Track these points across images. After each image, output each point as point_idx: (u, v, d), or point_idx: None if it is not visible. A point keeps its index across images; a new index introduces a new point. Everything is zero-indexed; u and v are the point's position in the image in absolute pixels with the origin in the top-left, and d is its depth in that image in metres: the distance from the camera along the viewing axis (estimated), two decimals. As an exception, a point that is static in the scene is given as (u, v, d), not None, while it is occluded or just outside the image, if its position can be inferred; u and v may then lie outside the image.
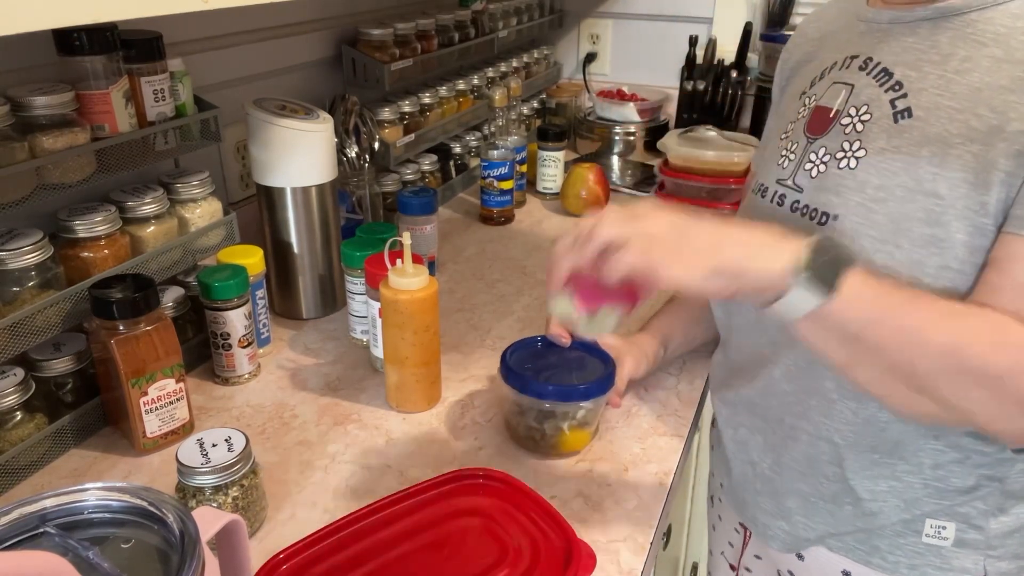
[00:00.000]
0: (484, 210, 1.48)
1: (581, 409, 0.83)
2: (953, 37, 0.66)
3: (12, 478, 0.78)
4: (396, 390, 0.91)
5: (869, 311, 0.59)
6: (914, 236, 0.64)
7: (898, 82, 0.68)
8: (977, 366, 0.58)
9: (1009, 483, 0.71)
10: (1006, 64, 0.63)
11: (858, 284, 0.58)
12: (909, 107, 0.67)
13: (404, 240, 0.86)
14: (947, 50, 0.66)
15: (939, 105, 0.65)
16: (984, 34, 0.65)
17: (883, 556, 0.76)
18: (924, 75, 0.67)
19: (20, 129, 0.76)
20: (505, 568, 0.66)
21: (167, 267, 0.91)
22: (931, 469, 0.71)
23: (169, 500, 0.46)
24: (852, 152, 0.69)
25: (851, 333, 0.60)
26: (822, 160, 0.72)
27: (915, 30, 0.69)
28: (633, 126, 1.81)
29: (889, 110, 0.68)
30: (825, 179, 0.71)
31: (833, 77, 0.75)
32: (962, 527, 0.72)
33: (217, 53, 1.12)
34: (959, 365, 0.58)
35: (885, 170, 0.66)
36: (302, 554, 0.66)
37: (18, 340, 0.75)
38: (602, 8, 1.96)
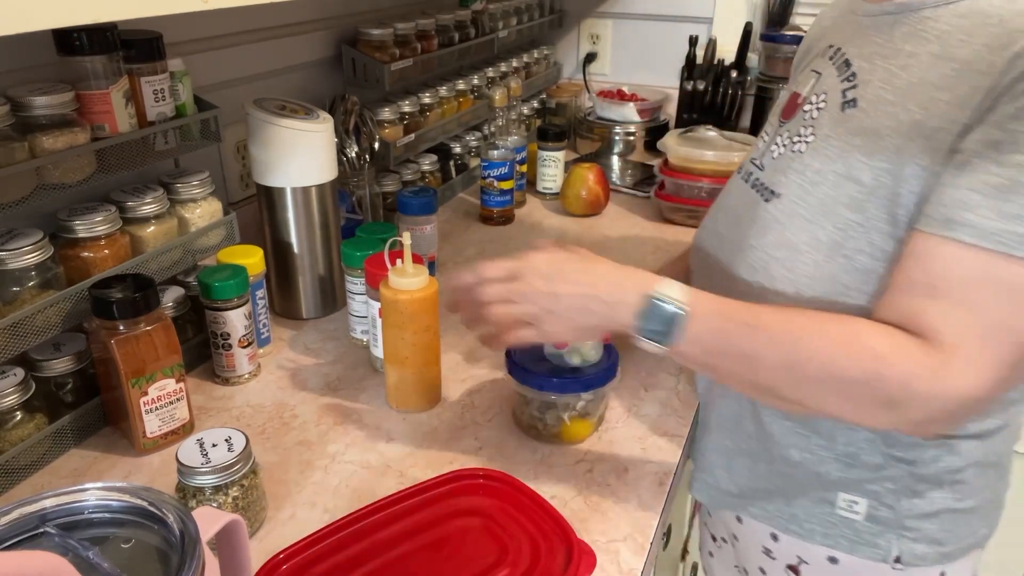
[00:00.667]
0: (484, 210, 1.48)
1: (582, 400, 0.84)
2: (906, 33, 0.68)
3: (12, 478, 0.78)
4: (396, 390, 0.91)
5: (710, 348, 0.66)
6: (837, 219, 0.67)
7: (853, 73, 0.71)
8: (818, 377, 0.62)
9: (920, 467, 0.73)
10: (941, 61, 0.64)
11: (697, 328, 0.65)
12: (855, 98, 0.70)
13: (404, 240, 0.86)
14: (898, 45, 0.68)
15: (880, 98, 0.68)
16: (930, 31, 0.66)
17: (800, 524, 0.80)
18: (874, 68, 0.69)
19: (20, 129, 0.76)
20: (505, 568, 0.66)
21: (167, 267, 0.91)
22: (843, 445, 0.74)
23: (169, 500, 0.46)
24: (804, 137, 0.73)
25: (701, 364, 0.68)
26: (784, 143, 0.76)
27: (879, 25, 0.72)
28: (633, 126, 1.81)
29: (839, 99, 0.71)
30: (780, 160, 0.75)
31: (811, 64, 0.79)
32: (873, 504, 0.75)
33: (217, 53, 1.12)
34: (799, 379, 0.63)
35: (825, 156, 0.70)
36: (302, 554, 0.66)
37: (18, 340, 0.75)
38: (602, 8, 1.96)
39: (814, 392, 0.63)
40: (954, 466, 0.73)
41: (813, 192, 0.70)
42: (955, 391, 0.59)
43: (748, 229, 0.76)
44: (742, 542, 0.89)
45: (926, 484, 0.74)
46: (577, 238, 1.42)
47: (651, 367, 1.01)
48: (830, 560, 0.79)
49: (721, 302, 0.67)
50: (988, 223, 0.58)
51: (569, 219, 1.53)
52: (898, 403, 0.60)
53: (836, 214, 0.68)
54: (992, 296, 0.58)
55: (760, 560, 0.86)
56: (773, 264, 0.72)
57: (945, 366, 0.59)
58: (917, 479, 0.73)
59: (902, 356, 0.60)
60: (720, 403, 0.84)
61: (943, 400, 0.60)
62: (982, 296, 0.58)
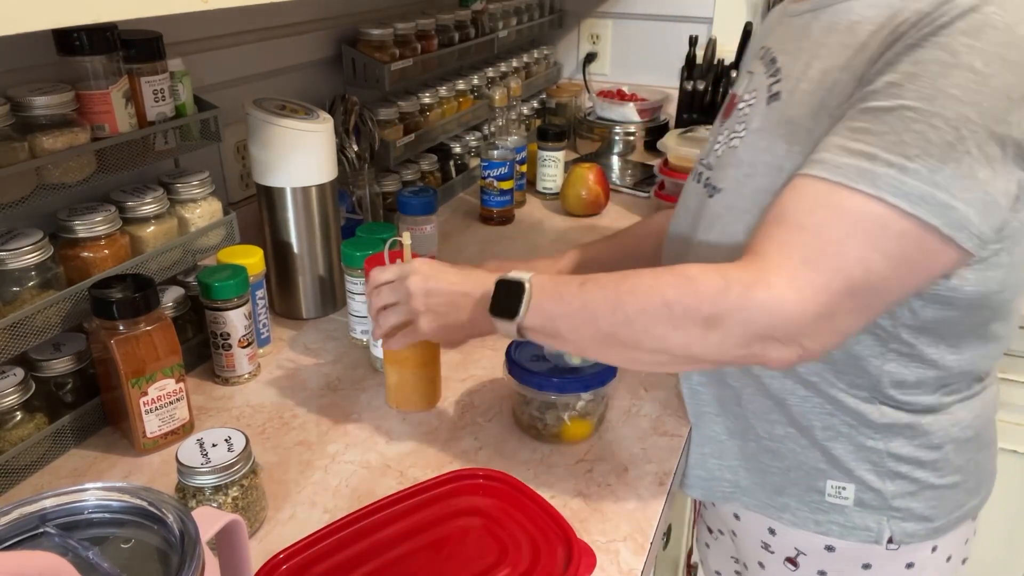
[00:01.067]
0: (484, 210, 1.48)
1: (581, 400, 0.84)
2: (823, 27, 0.71)
3: (12, 478, 0.78)
4: (396, 390, 0.91)
5: (550, 312, 0.69)
6: (766, 207, 0.69)
7: (778, 68, 0.74)
8: (642, 307, 0.65)
9: (896, 449, 0.75)
10: (848, 48, 0.67)
11: (537, 297, 0.70)
12: (779, 91, 0.72)
13: (404, 240, 0.85)
14: (815, 38, 0.71)
15: (798, 88, 0.70)
16: (841, 23, 0.69)
17: (792, 512, 0.81)
18: (796, 62, 0.72)
19: (20, 129, 0.76)
20: (505, 568, 0.66)
21: (167, 267, 0.91)
22: (821, 431, 0.77)
23: (169, 500, 0.46)
24: (739, 133, 0.76)
25: (550, 331, 0.70)
26: (724, 141, 0.79)
27: (802, 23, 0.75)
28: (633, 126, 1.81)
29: (766, 94, 0.74)
30: (722, 158, 0.78)
31: (747, 66, 0.83)
32: (860, 488, 0.77)
33: (217, 53, 1.12)
34: (626, 314, 0.65)
35: (755, 149, 0.73)
36: (302, 554, 0.66)
37: (18, 340, 0.75)
38: (602, 8, 1.96)
39: (643, 326, 0.65)
40: (930, 444, 0.75)
41: (748, 184, 0.72)
42: (770, 303, 0.59)
43: (697, 225, 0.79)
44: (740, 538, 0.90)
45: (907, 465, 0.75)
46: (577, 238, 1.42)
47: (651, 367, 1.01)
48: (827, 548, 0.80)
49: (559, 276, 0.72)
50: (835, 159, 0.61)
51: (569, 219, 1.53)
52: (715, 319, 0.61)
53: (765, 202, 0.69)
54: (824, 220, 0.60)
55: (759, 555, 0.87)
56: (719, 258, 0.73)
57: (760, 278, 0.60)
58: (896, 460, 0.75)
59: (713, 274, 0.62)
60: (707, 392, 0.85)
61: (757, 311, 0.60)
62: (815, 220, 0.61)
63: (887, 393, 0.74)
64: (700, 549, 1.08)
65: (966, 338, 0.72)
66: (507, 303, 0.71)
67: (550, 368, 0.85)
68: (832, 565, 0.81)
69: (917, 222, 0.58)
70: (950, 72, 0.58)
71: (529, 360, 0.86)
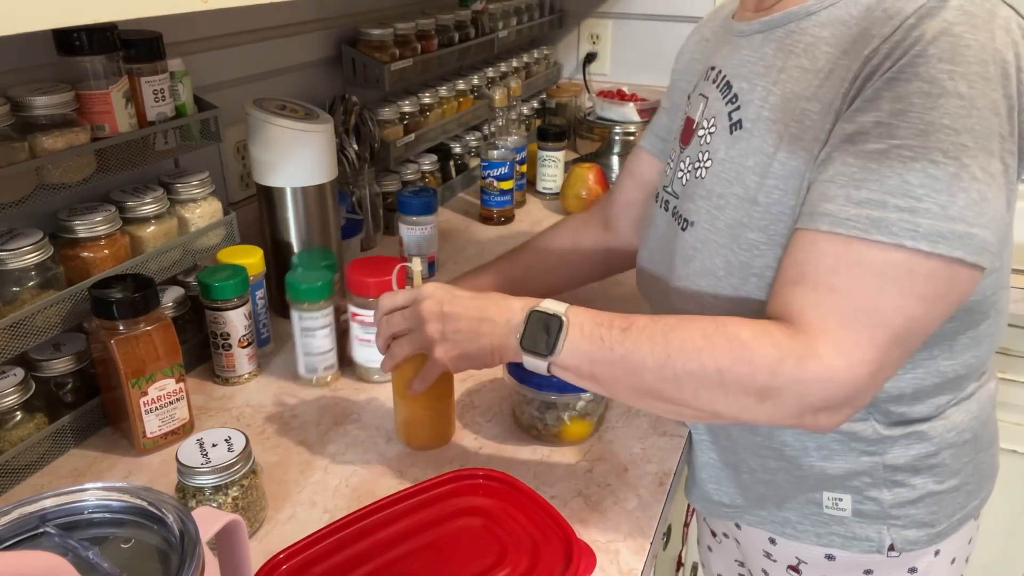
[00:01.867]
0: (484, 210, 1.48)
1: (581, 400, 0.84)
2: (776, 49, 0.69)
3: (12, 478, 0.78)
4: (407, 427, 0.85)
5: (589, 355, 0.66)
6: (743, 240, 0.69)
7: (735, 94, 0.72)
8: (691, 370, 0.62)
9: (892, 459, 0.74)
10: (809, 74, 0.65)
11: (575, 336, 0.66)
12: (741, 119, 0.71)
13: (414, 266, 0.80)
14: (770, 62, 0.69)
15: (760, 117, 0.69)
16: (797, 45, 0.67)
17: (793, 527, 0.80)
18: (753, 87, 0.70)
19: (20, 129, 0.76)
20: (505, 568, 0.66)
21: (167, 267, 0.91)
22: (815, 449, 0.75)
23: (169, 500, 0.46)
24: (703, 163, 0.74)
25: (585, 374, 0.67)
26: (687, 169, 0.77)
27: (752, 44, 0.73)
28: (633, 126, 1.80)
29: (727, 122, 0.72)
30: (687, 187, 0.77)
31: (699, 88, 0.80)
32: (857, 499, 0.76)
33: (217, 53, 1.12)
34: (674, 374, 0.63)
35: (724, 180, 0.71)
36: (302, 554, 0.66)
37: (18, 340, 0.75)
38: (602, 8, 1.96)
39: (692, 389, 0.63)
40: (927, 451, 0.74)
41: (720, 217, 0.71)
42: (824, 374, 0.59)
43: (673, 258, 0.77)
44: (744, 546, 0.90)
45: (904, 473, 0.75)
46: (577, 238, 1.42)
47: (651, 367, 1.01)
48: (827, 558, 0.80)
49: (596, 312, 0.67)
50: (843, 210, 0.59)
51: (569, 219, 1.53)
52: (769, 391, 0.60)
53: (742, 236, 0.69)
54: (852, 279, 0.59)
55: (762, 562, 0.87)
56: (700, 292, 0.73)
57: (810, 350, 0.59)
58: (893, 470, 0.75)
59: (766, 342, 0.60)
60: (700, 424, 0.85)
61: (814, 384, 0.60)
62: (842, 280, 0.60)
63: (883, 408, 0.73)
64: (702, 552, 1.07)
65: (960, 342, 0.71)
66: (541, 338, 0.67)
67: None
68: (834, 573, 0.81)
69: (941, 259, 0.58)
70: (937, 103, 0.57)
71: None
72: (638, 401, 0.68)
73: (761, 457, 0.79)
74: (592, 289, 1.09)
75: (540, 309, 0.68)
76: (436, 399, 0.83)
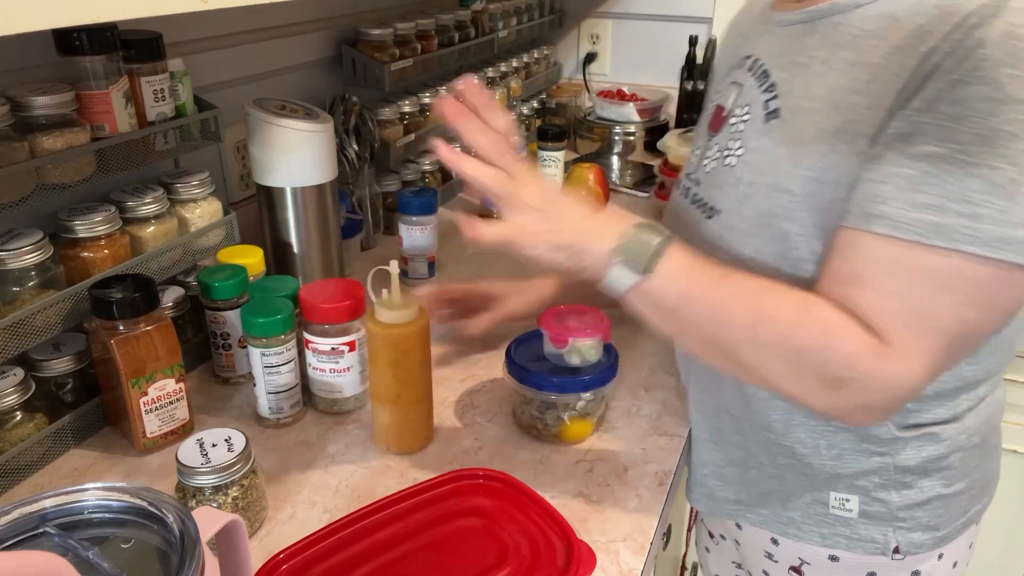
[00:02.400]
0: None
1: (581, 400, 0.84)
2: (819, 40, 0.69)
3: (12, 478, 0.78)
4: (387, 431, 0.84)
5: (681, 288, 0.64)
6: (775, 231, 0.68)
7: (773, 83, 0.71)
8: (776, 340, 0.63)
9: (902, 460, 0.74)
10: (856, 67, 0.64)
11: (673, 265, 0.64)
12: (778, 108, 0.70)
13: (391, 269, 0.79)
14: (813, 53, 0.69)
15: (800, 107, 0.68)
16: (843, 37, 0.67)
17: (798, 527, 0.80)
18: (793, 77, 0.70)
19: (20, 129, 0.76)
20: (505, 568, 0.66)
21: (167, 267, 0.91)
22: (826, 448, 0.75)
23: (169, 500, 0.46)
24: (734, 151, 0.74)
25: (667, 307, 0.65)
26: (715, 157, 0.76)
27: (792, 33, 0.72)
28: (633, 126, 1.81)
29: (762, 111, 0.71)
30: (713, 175, 0.76)
31: (731, 76, 0.79)
32: (864, 500, 0.76)
33: (217, 53, 1.12)
34: (758, 338, 0.63)
35: (755, 169, 0.70)
36: (302, 554, 0.66)
37: (18, 340, 0.75)
38: (602, 8, 1.96)
39: (767, 357, 0.63)
40: (938, 453, 0.74)
41: (748, 205, 0.70)
42: (892, 378, 0.60)
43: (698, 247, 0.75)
44: (744, 546, 0.90)
45: (913, 475, 0.75)
46: (577, 238, 1.42)
47: (651, 367, 1.01)
48: (831, 559, 0.80)
49: (696, 253, 0.66)
50: (902, 214, 0.59)
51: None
52: (839, 382, 0.61)
53: (774, 226, 0.68)
54: (911, 284, 0.60)
55: (763, 563, 0.87)
56: None
57: (885, 351, 0.60)
58: (903, 471, 0.74)
59: (850, 334, 0.61)
60: (705, 417, 0.85)
61: (881, 385, 0.61)
62: (902, 284, 0.60)
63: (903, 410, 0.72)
64: (700, 553, 1.07)
65: (984, 347, 0.71)
66: (641, 252, 0.64)
67: (550, 368, 0.84)
68: (836, 574, 0.81)
69: (1000, 264, 0.57)
70: (1000, 109, 0.56)
71: (529, 360, 0.86)
72: (703, 349, 0.68)
73: (771, 454, 0.79)
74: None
75: (644, 225, 0.65)
76: (417, 402, 0.83)
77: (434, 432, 0.88)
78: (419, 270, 1.23)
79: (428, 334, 0.82)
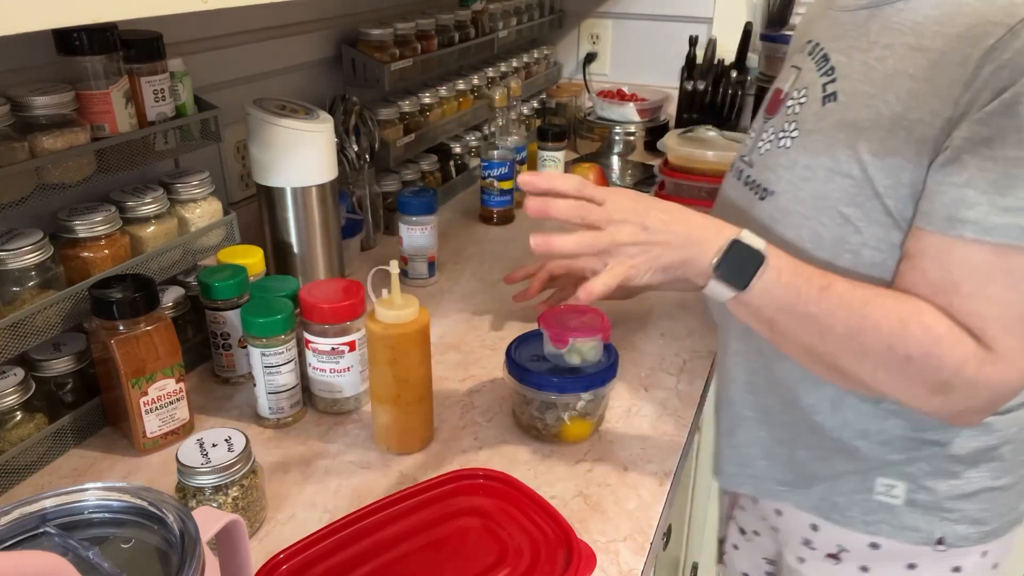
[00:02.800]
0: (484, 210, 1.48)
1: (581, 400, 0.84)
2: (881, 26, 0.69)
3: (12, 478, 0.78)
4: (387, 431, 0.84)
5: (780, 302, 0.66)
6: (834, 214, 0.68)
7: (832, 67, 0.72)
8: (880, 350, 0.64)
9: (953, 448, 0.74)
10: (917, 53, 0.65)
11: (771, 278, 0.65)
12: (836, 92, 0.70)
13: (392, 269, 0.80)
14: (874, 38, 0.69)
15: (858, 91, 0.68)
16: (904, 23, 0.67)
17: (841, 512, 0.80)
18: (852, 61, 0.70)
19: (20, 129, 0.76)
20: (505, 568, 0.66)
21: (167, 267, 0.91)
22: (876, 432, 0.75)
23: (169, 500, 0.46)
24: (789, 133, 0.74)
25: (766, 319, 0.68)
26: (770, 139, 0.77)
27: (855, 19, 0.72)
28: (633, 126, 1.81)
29: (820, 94, 0.72)
30: (768, 157, 0.76)
31: (792, 60, 0.80)
32: (912, 487, 0.76)
33: (217, 53, 1.11)
34: (861, 349, 0.64)
35: (811, 151, 0.71)
36: (302, 554, 0.66)
37: (18, 340, 0.75)
38: (602, 8, 1.96)
39: (872, 366, 0.65)
40: (989, 444, 0.73)
41: (805, 188, 0.71)
42: (997, 382, 0.62)
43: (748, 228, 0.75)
44: (782, 533, 0.88)
45: (962, 464, 0.74)
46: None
47: (651, 367, 1.01)
48: (871, 546, 0.79)
49: (795, 260, 0.67)
50: (989, 218, 0.60)
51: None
52: (948, 388, 0.62)
53: (832, 209, 0.68)
54: (1007, 288, 0.61)
55: (799, 551, 0.86)
56: None
57: (989, 357, 0.61)
58: (952, 460, 0.74)
59: (956, 341, 0.62)
60: (752, 397, 0.84)
61: (987, 391, 0.62)
62: (998, 289, 0.61)
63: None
64: (727, 551, 1.05)
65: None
66: (739, 270, 0.65)
67: (550, 368, 0.84)
68: (876, 562, 0.80)
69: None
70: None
71: (529, 360, 0.86)
72: (803, 357, 0.69)
73: (819, 435, 0.78)
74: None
75: (743, 240, 0.66)
76: (418, 402, 0.83)
77: (434, 432, 0.88)
78: (419, 270, 1.23)
79: (428, 334, 0.82)
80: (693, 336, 1.09)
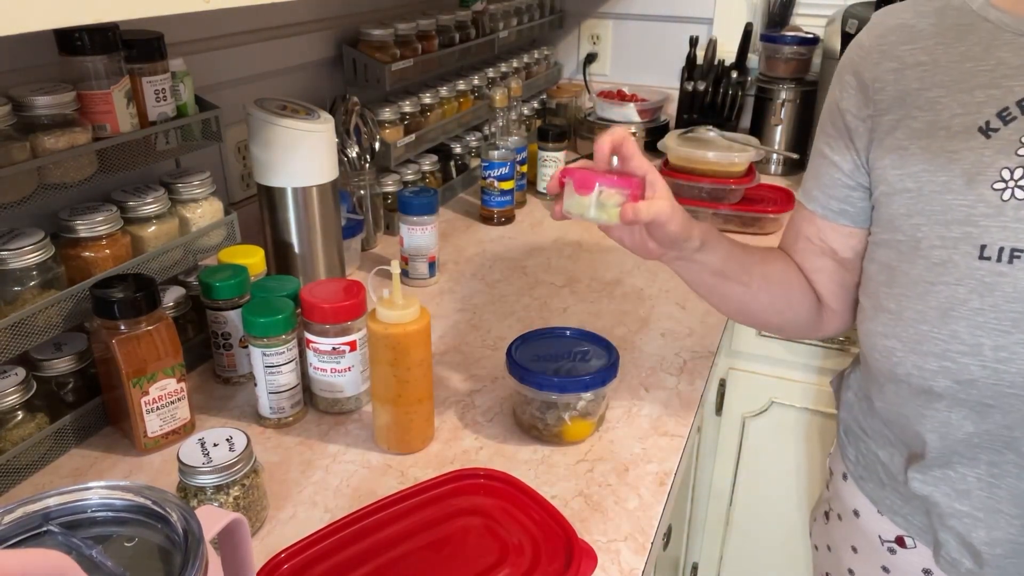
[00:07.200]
0: (484, 210, 1.48)
1: (582, 400, 0.84)
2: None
3: (13, 478, 0.78)
4: (387, 431, 0.84)
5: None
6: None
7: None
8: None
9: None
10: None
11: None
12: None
13: (393, 269, 0.80)
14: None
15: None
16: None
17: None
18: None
19: (21, 129, 0.76)
20: (505, 568, 0.66)
21: (168, 267, 0.91)
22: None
23: (172, 499, 0.46)
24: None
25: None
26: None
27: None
28: (633, 127, 1.81)
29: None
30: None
31: (1008, 133, 0.63)
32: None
33: (218, 53, 1.12)
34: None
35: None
36: (303, 553, 0.66)
37: (20, 340, 0.75)
38: (602, 8, 1.96)
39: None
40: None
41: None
42: None
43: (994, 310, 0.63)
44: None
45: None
46: (578, 239, 1.43)
47: (651, 367, 1.01)
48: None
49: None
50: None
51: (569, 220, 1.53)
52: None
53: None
54: None
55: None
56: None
57: None
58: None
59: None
60: (1011, 494, 0.69)
61: None
62: None
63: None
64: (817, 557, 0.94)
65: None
66: None
67: (551, 368, 0.85)
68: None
69: None
70: None
71: (530, 360, 0.86)
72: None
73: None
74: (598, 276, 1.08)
75: None
76: (418, 401, 0.83)
77: (434, 432, 0.88)
78: (419, 270, 1.23)
79: (429, 334, 0.82)
80: (693, 336, 1.09)
